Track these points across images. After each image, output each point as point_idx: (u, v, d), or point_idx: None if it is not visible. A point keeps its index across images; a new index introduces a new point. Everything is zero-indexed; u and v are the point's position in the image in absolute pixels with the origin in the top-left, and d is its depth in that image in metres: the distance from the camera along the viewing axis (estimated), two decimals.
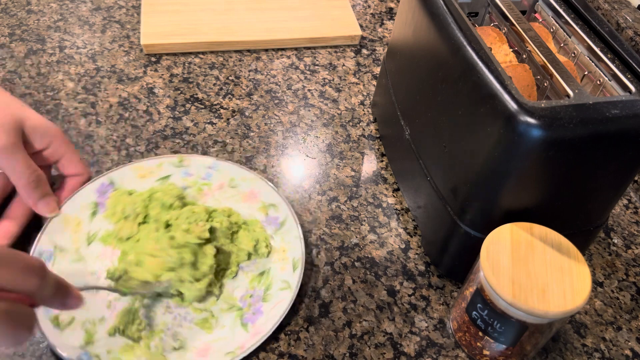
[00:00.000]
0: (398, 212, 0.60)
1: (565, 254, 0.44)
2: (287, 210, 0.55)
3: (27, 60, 0.70)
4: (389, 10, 0.87)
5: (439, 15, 0.48)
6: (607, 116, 0.40)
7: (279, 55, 0.76)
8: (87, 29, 0.76)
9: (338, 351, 0.49)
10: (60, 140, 0.52)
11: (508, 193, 0.44)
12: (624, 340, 0.53)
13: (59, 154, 0.52)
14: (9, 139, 0.47)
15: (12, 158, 0.48)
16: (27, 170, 0.48)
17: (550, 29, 0.51)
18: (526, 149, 0.40)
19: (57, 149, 0.52)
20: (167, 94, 0.69)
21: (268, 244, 0.54)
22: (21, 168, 0.48)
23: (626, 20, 0.70)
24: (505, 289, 0.41)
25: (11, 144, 0.47)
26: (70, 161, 0.53)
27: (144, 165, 0.57)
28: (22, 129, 0.49)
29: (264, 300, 0.50)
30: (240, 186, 0.57)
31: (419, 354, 0.50)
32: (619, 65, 0.45)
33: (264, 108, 0.69)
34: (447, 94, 0.47)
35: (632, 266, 0.58)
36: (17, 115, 0.49)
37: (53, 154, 0.52)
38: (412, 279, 0.55)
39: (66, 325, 0.46)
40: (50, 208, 0.51)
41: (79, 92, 0.67)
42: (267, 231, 0.55)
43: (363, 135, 0.68)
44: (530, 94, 0.46)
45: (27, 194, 0.49)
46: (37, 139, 0.50)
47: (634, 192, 0.66)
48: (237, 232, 0.54)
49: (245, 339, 0.47)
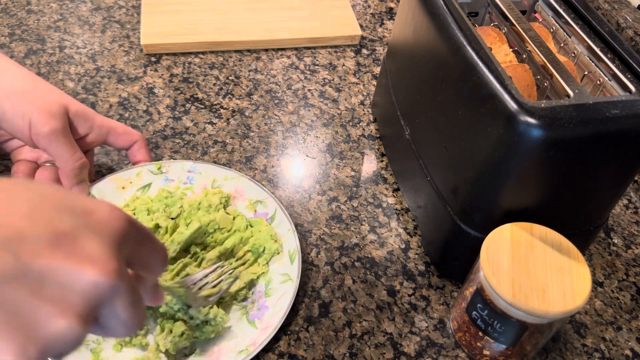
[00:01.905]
0: (398, 212, 0.60)
1: (565, 254, 0.44)
2: (275, 205, 0.55)
3: (27, 60, 0.70)
4: (389, 10, 0.87)
5: (439, 15, 0.48)
6: (607, 116, 0.40)
7: (279, 55, 0.76)
8: (87, 29, 0.76)
9: (338, 351, 0.49)
10: (100, 121, 0.53)
11: (508, 193, 0.44)
12: (624, 340, 0.52)
13: (103, 135, 0.54)
14: (58, 124, 0.48)
15: (60, 143, 0.49)
16: (73, 157, 0.50)
17: (550, 29, 0.51)
18: (526, 149, 0.40)
19: (100, 130, 0.53)
20: (167, 94, 0.69)
21: (277, 239, 0.53)
22: (68, 154, 0.49)
23: (626, 20, 0.70)
24: (505, 289, 0.41)
25: (61, 128, 0.48)
26: (117, 136, 0.55)
27: (123, 176, 0.56)
28: (67, 114, 0.50)
29: (266, 295, 0.50)
30: (224, 186, 0.57)
31: (419, 354, 0.50)
32: (619, 65, 0.45)
33: (264, 108, 0.69)
34: (447, 94, 0.47)
35: (632, 266, 0.58)
36: (62, 101, 0.50)
37: (97, 137, 0.53)
38: (412, 279, 0.55)
39: None
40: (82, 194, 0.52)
41: (79, 92, 0.67)
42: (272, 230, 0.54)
43: (363, 135, 0.68)
44: (530, 94, 0.46)
45: (67, 178, 0.51)
46: (81, 124, 0.51)
47: (634, 192, 0.66)
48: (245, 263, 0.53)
49: (256, 335, 0.47)
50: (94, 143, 0.54)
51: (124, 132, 0.55)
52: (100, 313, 0.29)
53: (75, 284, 0.26)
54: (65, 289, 0.26)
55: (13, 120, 0.47)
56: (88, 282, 0.26)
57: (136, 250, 0.31)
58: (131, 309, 0.29)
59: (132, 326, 0.30)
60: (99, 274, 0.26)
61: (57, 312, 0.26)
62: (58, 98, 0.49)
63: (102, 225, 0.28)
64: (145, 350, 0.46)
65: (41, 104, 0.48)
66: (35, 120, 0.47)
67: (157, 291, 0.37)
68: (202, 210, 0.54)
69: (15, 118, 0.47)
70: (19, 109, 0.47)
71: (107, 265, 0.27)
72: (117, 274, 0.27)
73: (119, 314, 0.29)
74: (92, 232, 0.28)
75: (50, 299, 0.26)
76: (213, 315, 0.47)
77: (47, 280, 0.26)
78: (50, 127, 0.47)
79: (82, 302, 0.26)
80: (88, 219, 0.28)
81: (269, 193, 0.55)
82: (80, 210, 0.28)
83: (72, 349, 0.27)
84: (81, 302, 0.26)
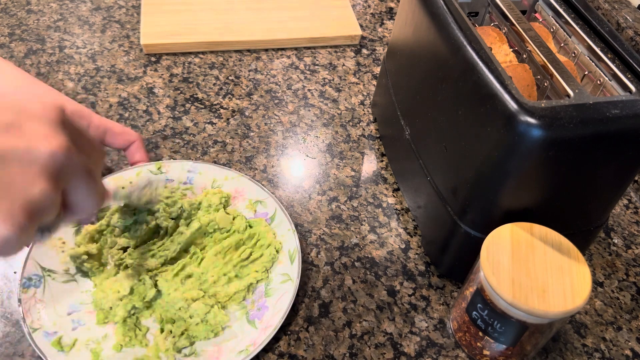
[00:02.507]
0: (398, 212, 0.60)
1: (565, 254, 0.44)
2: (275, 205, 0.55)
3: (26, 60, 0.70)
4: (389, 10, 0.87)
5: (439, 15, 0.48)
6: (607, 116, 0.40)
7: (279, 55, 0.76)
8: (87, 28, 0.76)
9: (338, 351, 0.49)
10: (97, 121, 0.53)
11: (508, 193, 0.44)
12: (624, 340, 0.52)
13: (100, 135, 0.54)
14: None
15: None
16: None
17: (550, 29, 0.51)
18: (526, 149, 0.40)
19: (97, 130, 0.53)
20: (167, 94, 0.69)
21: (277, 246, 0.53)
22: None
23: (626, 20, 0.70)
24: (505, 289, 0.41)
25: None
26: (114, 136, 0.54)
27: (123, 176, 0.56)
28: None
29: (266, 295, 0.50)
30: (224, 186, 0.57)
31: (419, 354, 0.50)
32: (619, 65, 0.45)
33: (264, 108, 0.69)
34: (447, 94, 0.47)
35: (632, 266, 0.58)
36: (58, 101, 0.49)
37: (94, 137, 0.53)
38: (412, 279, 0.55)
39: (70, 348, 0.45)
40: None
41: (79, 92, 0.67)
42: (272, 230, 0.54)
43: (363, 135, 0.68)
44: (531, 94, 0.46)
45: None
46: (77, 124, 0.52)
47: (634, 192, 0.66)
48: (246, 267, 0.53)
49: (256, 335, 0.47)
50: None
51: (121, 132, 0.55)
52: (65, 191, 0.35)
53: (35, 156, 0.32)
54: (28, 162, 0.32)
55: None
56: (45, 152, 0.32)
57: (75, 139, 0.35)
58: (90, 181, 0.35)
59: (95, 198, 0.36)
60: (52, 145, 0.32)
61: (28, 181, 0.31)
62: (54, 98, 0.49)
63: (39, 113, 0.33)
64: (145, 350, 0.46)
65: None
66: None
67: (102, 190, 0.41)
68: (202, 211, 0.54)
69: None
70: None
71: (56, 139, 0.33)
72: (67, 145, 0.33)
73: (81, 186, 0.35)
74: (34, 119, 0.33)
75: (19, 174, 0.31)
76: (213, 315, 0.47)
77: (10, 160, 0.31)
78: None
79: (46, 169, 0.32)
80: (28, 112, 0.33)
81: (269, 193, 0.55)
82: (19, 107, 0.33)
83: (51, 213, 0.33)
84: (45, 169, 0.32)
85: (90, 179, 0.35)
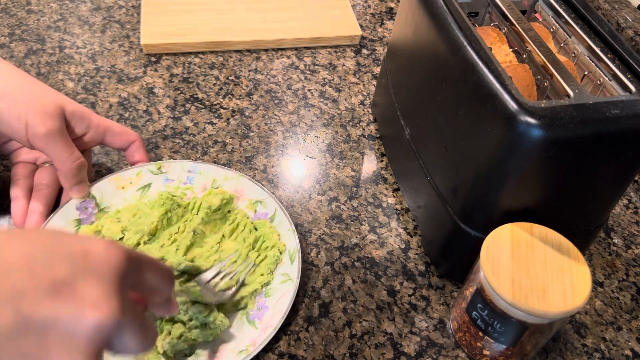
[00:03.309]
0: (398, 212, 0.60)
1: (565, 254, 0.44)
2: (275, 205, 0.55)
3: (26, 60, 0.70)
4: (389, 10, 0.87)
5: (439, 15, 0.48)
6: (607, 116, 0.40)
7: (279, 55, 0.76)
8: (87, 29, 0.76)
9: (338, 351, 0.49)
10: (97, 120, 0.53)
11: (508, 193, 0.44)
12: (624, 340, 0.52)
13: (100, 134, 0.53)
14: (54, 124, 0.48)
15: (57, 143, 0.48)
16: (70, 157, 0.50)
17: (550, 29, 0.51)
18: (526, 149, 0.40)
19: (97, 130, 0.53)
20: (167, 94, 0.69)
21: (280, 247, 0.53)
22: (65, 154, 0.49)
23: (626, 20, 0.70)
24: (505, 289, 0.41)
25: (57, 128, 0.48)
26: (114, 136, 0.54)
27: (123, 176, 0.56)
28: (64, 114, 0.50)
29: (266, 295, 0.50)
30: (224, 186, 0.57)
31: (419, 354, 0.50)
32: (619, 65, 0.45)
33: (264, 108, 0.69)
34: (447, 94, 0.47)
35: (632, 266, 0.58)
36: (58, 101, 0.50)
37: (94, 136, 0.53)
38: (412, 279, 0.55)
39: None
40: (82, 194, 0.53)
41: (79, 92, 0.67)
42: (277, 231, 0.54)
43: (363, 135, 0.68)
44: (530, 94, 0.46)
45: (66, 178, 0.51)
46: (77, 124, 0.51)
47: (634, 192, 0.66)
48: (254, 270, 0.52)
49: (256, 335, 0.47)
50: (91, 143, 0.53)
51: (121, 132, 0.55)
52: (111, 344, 0.30)
53: (79, 328, 0.27)
54: (70, 334, 0.27)
55: (9, 122, 0.47)
56: (90, 325, 0.27)
57: (139, 278, 0.33)
58: (139, 335, 0.31)
59: (143, 348, 0.32)
60: (100, 316, 0.28)
61: (66, 357, 0.27)
62: (54, 98, 0.49)
63: (99, 266, 0.29)
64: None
65: (37, 105, 0.47)
66: (31, 121, 0.47)
67: (170, 303, 0.38)
68: (202, 211, 0.54)
69: (12, 119, 0.47)
70: (15, 111, 0.47)
71: (107, 306, 0.28)
72: (118, 312, 0.28)
73: (128, 343, 0.30)
74: (90, 275, 0.29)
75: (57, 347, 0.27)
76: (213, 319, 0.47)
77: (50, 329, 0.27)
78: (46, 127, 0.47)
79: (88, 344, 0.27)
80: (85, 261, 0.29)
81: (269, 193, 0.55)
82: (76, 254, 0.29)
83: None
84: (87, 344, 0.27)
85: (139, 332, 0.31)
